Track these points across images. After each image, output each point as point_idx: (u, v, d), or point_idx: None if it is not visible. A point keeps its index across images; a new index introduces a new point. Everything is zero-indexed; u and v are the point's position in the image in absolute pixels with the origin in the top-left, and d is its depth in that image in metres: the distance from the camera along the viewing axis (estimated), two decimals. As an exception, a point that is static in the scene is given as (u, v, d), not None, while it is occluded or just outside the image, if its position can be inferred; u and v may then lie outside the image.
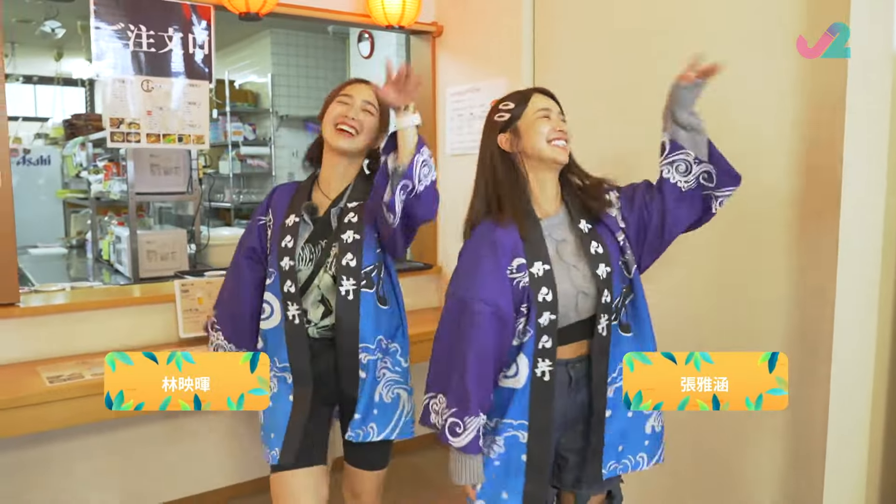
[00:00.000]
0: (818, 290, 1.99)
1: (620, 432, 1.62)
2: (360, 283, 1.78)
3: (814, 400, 2.01)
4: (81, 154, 4.70)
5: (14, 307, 2.44)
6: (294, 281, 1.79)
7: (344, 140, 1.79)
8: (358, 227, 1.79)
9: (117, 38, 2.57)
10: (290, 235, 1.80)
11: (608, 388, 1.60)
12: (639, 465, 1.65)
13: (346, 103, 1.80)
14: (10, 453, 2.50)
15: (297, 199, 1.86)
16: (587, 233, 1.61)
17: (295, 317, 1.80)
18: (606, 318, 1.59)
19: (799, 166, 2.04)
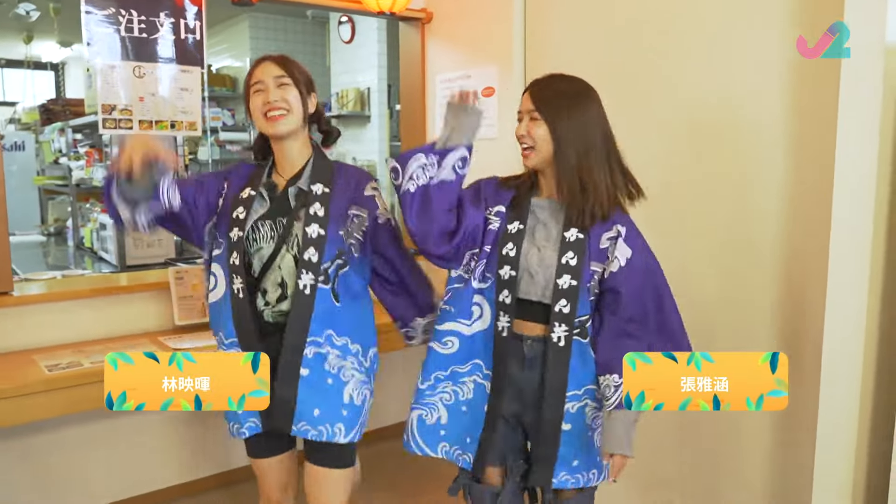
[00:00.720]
0: (807, 293, 2.05)
1: (577, 447, 1.68)
2: (318, 278, 1.75)
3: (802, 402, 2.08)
4: (60, 140, 4.62)
5: (8, 296, 2.42)
6: (241, 253, 1.76)
7: (279, 124, 1.74)
8: (323, 220, 1.76)
9: (108, 23, 2.54)
10: (242, 207, 1.78)
11: (568, 402, 1.64)
12: (590, 481, 1.71)
13: (261, 89, 1.74)
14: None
15: (254, 177, 1.83)
16: (572, 241, 1.63)
17: (240, 290, 1.76)
18: (564, 329, 1.61)
19: (791, 167, 2.09)
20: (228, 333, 1.79)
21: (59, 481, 2.64)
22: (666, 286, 1.66)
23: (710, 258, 2.31)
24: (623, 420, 1.58)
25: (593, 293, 1.65)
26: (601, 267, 1.62)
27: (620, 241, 1.62)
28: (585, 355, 1.64)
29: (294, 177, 1.81)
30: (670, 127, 2.39)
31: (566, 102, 1.61)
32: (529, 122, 1.63)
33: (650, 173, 2.45)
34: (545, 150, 1.62)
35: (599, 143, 1.63)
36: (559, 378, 1.63)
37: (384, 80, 5.68)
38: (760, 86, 2.13)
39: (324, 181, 1.80)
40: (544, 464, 1.67)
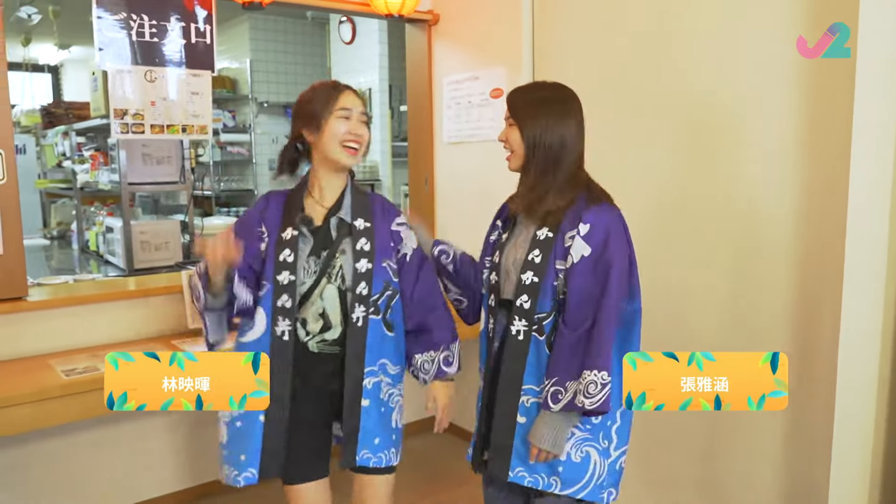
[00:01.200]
0: (822, 295, 2.08)
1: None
2: (370, 310, 1.79)
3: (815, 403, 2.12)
4: (64, 143, 4.62)
5: (22, 301, 2.42)
6: (292, 296, 1.75)
7: (351, 158, 1.77)
8: (370, 255, 1.79)
9: (120, 27, 2.55)
10: (289, 249, 1.77)
11: (523, 395, 1.70)
12: (551, 486, 1.71)
13: (347, 118, 1.76)
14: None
15: (289, 212, 1.82)
16: (541, 240, 1.69)
17: (284, 332, 1.75)
18: (524, 324, 1.68)
19: (805, 169, 2.11)
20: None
21: (72, 485, 2.64)
22: (614, 293, 1.62)
23: (723, 260, 2.33)
24: (546, 420, 1.65)
25: (561, 291, 1.67)
26: (564, 265, 1.66)
27: (578, 238, 1.64)
28: (541, 352, 1.69)
29: (333, 207, 1.82)
30: (680, 128, 2.41)
31: (537, 108, 1.70)
32: (508, 128, 1.74)
33: (659, 174, 2.49)
34: (520, 154, 1.71)
35: (556, 149, 1.68)
36: (515, 371, 1.70)
37: (385, 81, 5.70)
38: (773, 87, 2.15)
39: (364, 215, 1.82)
40: (500, 453, 1.73)
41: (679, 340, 2.47)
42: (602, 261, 1.63)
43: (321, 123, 1.75)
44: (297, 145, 1.84)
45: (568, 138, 1.70)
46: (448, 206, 3.43)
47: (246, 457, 1.77)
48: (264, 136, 6.58)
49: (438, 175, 3.44)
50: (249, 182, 6.60)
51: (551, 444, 1.64)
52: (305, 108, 1.79)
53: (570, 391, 1.61)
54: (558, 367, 1.63)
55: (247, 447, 1.77)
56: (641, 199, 2.55)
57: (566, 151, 1.70)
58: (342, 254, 1.79)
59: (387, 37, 5.61)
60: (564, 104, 1.71)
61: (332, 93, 1.78)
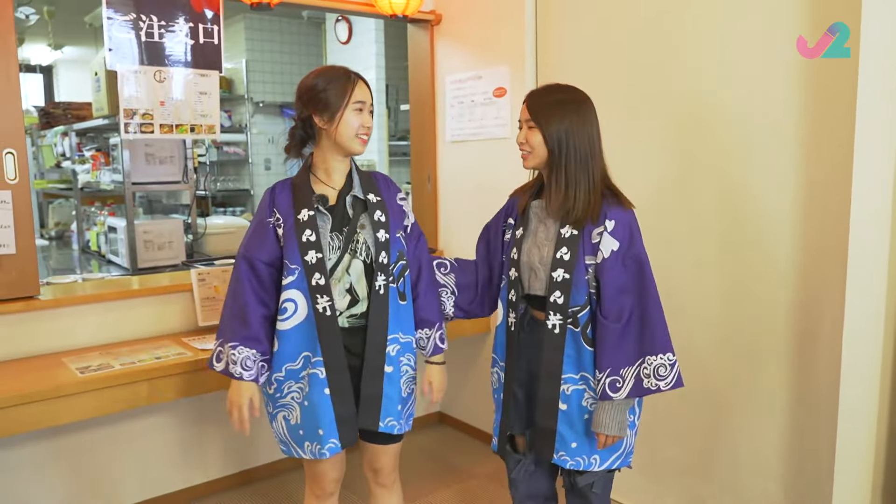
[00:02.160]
0: (825, 292, 2.13)
1: (574, 429, 1.82)
2: (389, 279, 1.88)
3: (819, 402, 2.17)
4: (63, 143, 4.62)
5: (35, 300, 2.44)
6: (323, 272, 1.82)
7: (363, 147, 1.88)
8: (386, 225, 1.89)
9: (129, 28, 2.57)
10: (309, 229, 1.83)
11: (563, 384, 1.80)
12: (591, 465, 1.84)
13: (361, 110, 1.84)
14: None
15: (300, 194, 1.87)
16: (567, 237, 1.77)
17: (326, 308, 1.82)
18: (559, 318, 1.78)
19: (807, 168, 2.16)
20: (316, 353, 1.84)
21: (88, 481, 2.67)
22: (651, 283, 1.76)
23: (725, 258, 2.38)
24: (607, 408, 1.76)
25: (591, 286, 1.78)
26: (594, 260, 1.76)
27: (606, 234, 1.75)
28: (579, 343, 1.79)
29: (344, 187, 1.91)
30: (682, 127, 2.46)
31: (558, 110, 1.77)
32: (528, 130, 1.81)
33: (661, 173, 2.53)
34: (541, 155, 1.79)
35: (585, 149, 1.77)
36: (554, 362, 1.79)
37: (382, 81, 5.72)
38: (774, 86, 2.20)
39: (373, 190, 1.92)
40: (544, 437, 1.84)
41: (681, 339, 2.52)
42: (630, 254, 1.75)
43: (335, 114, 1.82)
44: (306, 128, 1.91)
45: (595, 139, 1.80)
46: (450, 205, 3.46)
47: (324, 430, 1.85)
48: (260, 136, 6.59)
49: (441, 174, 3.47)
50: (246, 182, 6.61)
51: (618, 429, 1.77)
52: (319, 96, 1.84)
53: (629, 378, 1.74)
54: (609, 357, 1.74)
55: (321, 420, 1.85)
56: (643, 196, 2.58)
57: (595, 152, 1.79)
58: (362, 228, 1.88)
59: (383, 36, 5.64)
60: (584, 106, 1.79)
61: (346, 84, 1.84)
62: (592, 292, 1.78)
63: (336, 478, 2.01)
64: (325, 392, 1.84)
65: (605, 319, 1.74)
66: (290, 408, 1.89)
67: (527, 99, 1.82)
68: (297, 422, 1.88)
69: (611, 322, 1.73)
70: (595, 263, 1.76)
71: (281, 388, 1.89)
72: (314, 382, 1.84)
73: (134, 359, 2.37)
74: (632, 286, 1.74)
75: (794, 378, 2.24)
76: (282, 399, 1.89)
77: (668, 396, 2.58)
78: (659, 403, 2.61)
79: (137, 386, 2.28)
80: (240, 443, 3.00)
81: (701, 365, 2.47)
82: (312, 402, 1.85)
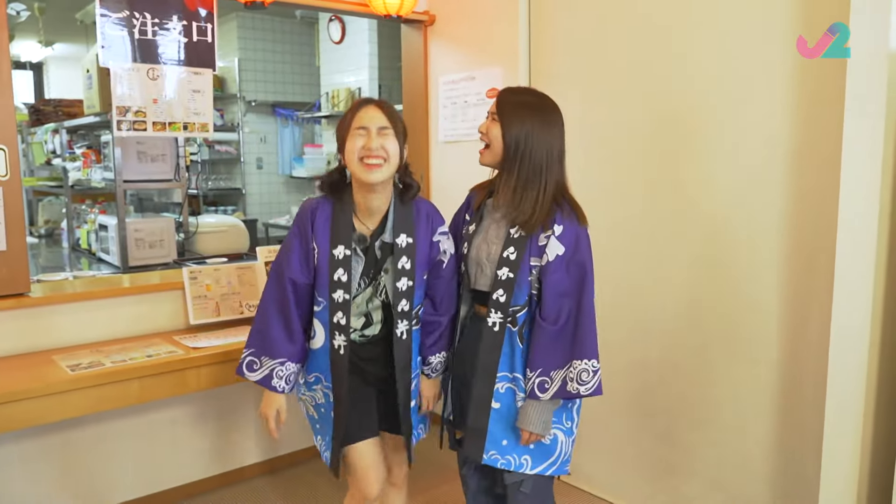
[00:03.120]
0: (813, 293, 2.15)
1: (506, 427, 1.85)
2: (412, 322, 1.93)
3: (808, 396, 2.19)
4: (54, 141, 4.59)
5: (25, 297, 2.43)
6: (346, 314, 1.86)
7: (375, 173, 1.77)
8: (411, 273, 1.87)
9: (122, 26, 2.56)
10: (342, 269, 1.84)
11: (497, 382, 1.83)
12: (522, 466, 1.86)
13: (363, 135, 1.78)
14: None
15: (339, 228, 1.85)
16: (515, 237, 1.79)
17: (341, 347, 1.88)
18: (499, 316, 1.80)
19: (795, 171, 2.18)
20: (328, 378, 1.95)
21: (90, 476, 2.66)
22: (590, 291, 1.79)
23: (714, 256, 2.40)
24: (534, 406, 1.80)
25: (534, 287, 1.81)
26: (539, 262, 1.79)
27: (553, 238, 1.77)
28: (514, 342, 1.82)
29: (378, 227, 1.89)
30: (673, 129, 2.48)
31: (524, 111, 1.77)
32: (491, 122, 1.82)
33: (652, 176, 2.55)
34: (497, 150, 1.79)
35: (541, 157, 1.77)
36: (491, 359, 1.82)
37: (375, 80, 5.72)
38: (763, 87, 2.22)
39: (407, 231, 1.88)
40: (473, 437, 1.86)
41: (668, 339, 2.54)
42: (574, 260, 1.77)
43: (342, 145, 1.83)
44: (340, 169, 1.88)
45: (554, 150, 1.79)
46: (443, 205, 3.43)
47: (325, 441, 2.02)
48: (252, 135, 6.58)
49: (433, 174, 3.48)
50: (237, 181, 6.60)
51: (541, 428, 1.80)
52: (338, 133, 1.86)
53: (556, 380, 1.76)
54: (541, 358, 1.77)
55: (326, 433, 2.00)
56: (632, 195, 2.62)
57: (552, 162, 1.78)
58: (385, 272, 1.89)
59: (376, 36, 5.64)
60: (550, 115, 1.80)
61: (353, 112, 1.82)
62: (534, 293, 1.81)
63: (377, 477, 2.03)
64: (331, 414, 1.97)
65: (543, 321, 1.77)
66: (306, 405, 2.07)
67: (499, 93, 1.84)
68: (316, 416, 2.04)
69: (548, 324, 1.76)
70: (539, 265, 1.78)
71: (299, 388, 2.05)
72: (327, 400, 1.98)
73: (125, 357, 2.37)
74: (572, 292, 1.77)
75: (780, 377, 2.27)
76: (301, 395, 2.06)
77: (655, 397, 2.61)
78: (645, 403, 2.63)
79: (128, 384, 2.27)
80: (245, 437, 3.00)
81: (688, 365, 2.49)
82: (325, 413, 1.99)
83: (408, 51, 3.52)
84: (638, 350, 2.65)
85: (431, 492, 2.95)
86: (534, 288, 1.80)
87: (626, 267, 2.67)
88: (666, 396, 2.58)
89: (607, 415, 2.75)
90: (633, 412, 2.69)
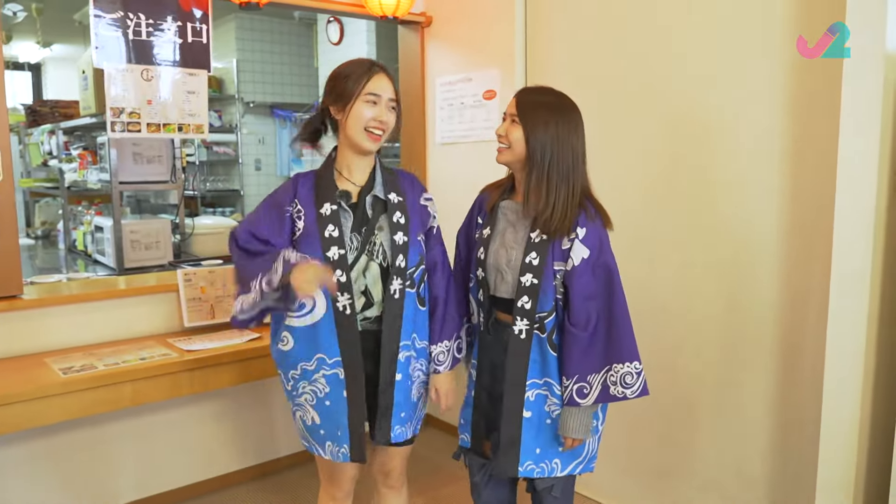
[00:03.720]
0: (810, 295, 2.13)
1: (538, 435, 1.80)
2: (406, 283, 1.83)
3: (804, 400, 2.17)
4: (50, 142, 4.58)
5: (18, 299, 2.41)
6: (345, 270, 1.76)
7: (373, 143, 1.78)
8: (405, 227, 1.83)
9: (116, 26, 2.55)
10: (332, 224, 1.77)
11: (528, 391, 1.77)
12: (553, 471, 1.83)
13: (375, 103, 1.76)
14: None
15: (322, 188, 1.81)
16: (537, 242, 1.74)
17: (346, 307, 1.77)
18: (525, 323, 1.75)
19: (791, 172, 2.16)
20: (332, 354, 1.79)
21: (88, 479, 2.65)
22: (620, 291, 1.75)
23: (712, 258, 2.38)
24: (574, 413, 1.76)
25: (559, 292, 1.76)
26: (563, 266, 1.74)
27: (577, 241, 1.73)
28: (544, 348, 1.76)
29: (366, 185, 1.84)
30: (670, 130, 2.46)
31: (546, 113, 1.73)
32: (510, 124, 1.76)
33: (649, 176, 2.54)
34: (518, 152, 1.74)
35: (568, 160, 1.73)
36: (519, 368, 1.76)
37: (373, 82, 5.69)
38: (760, 88, 2.21)
39: (395, 190, 1.86)
40: (507, 451, 1.79)
41: (667, 341, 2.52)
42: (600, 263, 1.74)
43: (348, 104, 1.77)
44: (323, 119, 1.86)
45: (579, 152, 1.76)
46: (440, 206, 3.43)
47: (341, 433, 1.82)
48: (251, 137, 6.56)
49: (430, 175, 3.47)
50: (235, 182, 6.58)
51: (583, 432, 1.78)
52: (337, 85, 1.80)
53: (595, 384, 1.73)
54: (576, 364, 1.72)
55: (340, 422, 1.81)
56: (630, 197, 2.60)
57: (578, 164, 1.75)
58: (380, 230, 1.82)
59: (375, 38, 5.62)
60: (573, 116, 1.75)
61: (364, 74, 1.78)
62: (559, 298, 1.76)
63: (354, 476, 1.99)
64: (344, 394, 1.80)
65: (573, 327, 1.72)
66: (304, 409, 1.85)
67: (518, 94, 1.78)
68: (315, 422, 1.84)
69: (578, 330, 1.72)
70: (564, 270, 1.74)
71: (297, 386, 1.85)
72: (334, 383, 1.80)
73: (118, 359, 2.35)
74: (600, 294, 1.73)
75: (778, 382, 2.25)
76: (297, 398, 1.86)
77: (652, 399, 2.59)
78: (642, 406, 2.61)
79: (121, 387, 2.26)
80: (246, 437, 2.99)
81: (685, 367, 2.48)
82: (334, 403, 1.81)
83: (405, 52, 3.51)
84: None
85: (432, 493, 2.93)
86: (558, 293, 1.75)
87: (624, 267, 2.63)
88: (664, 400, 2.56)
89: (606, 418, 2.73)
90: (630, 415, 2.67)
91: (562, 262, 1.74)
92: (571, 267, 1.72)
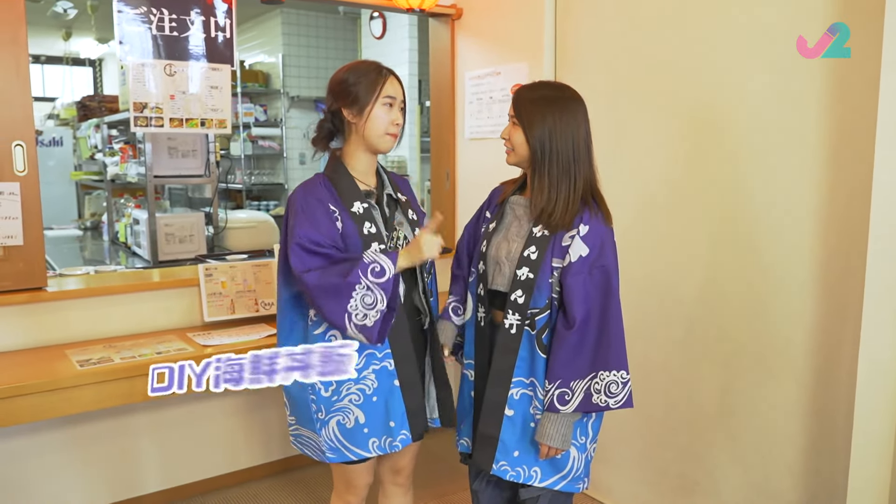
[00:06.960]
0: (846, 303, 2.00)
1: (519, 437, 1.73)
2: (426, 278, 1.93)
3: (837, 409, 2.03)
4: (96, 136, 4.70)
5: (42, 291, 2.46)
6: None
7: (393, 144, 1.84)
8: (419, 223, 1.92)
9: (140, 21, 2.56)
10: (368, 221, 1.79)
11: (512, 388, 1.72)
12: (531, 478, 1.74)
13: (391, 105, 1.80)
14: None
15: (346, 189, 1.81)
16: (538, 237, 1.70)
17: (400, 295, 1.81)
18: (517, 318, 1.71)
19: (828, 170, 2.02)
20: (382, 347, 1.78)
21: (106, 470, 2.69)
22: (615, 297, 1.67)
23: (741, 264, 2.25)
24: (553, 419, 1.68)
25: (554, 290, 1.70)
26: (561, 263, 1.69)
27: (578, 238, 1.67)
28: (533, 347, 1.71)
29: (378, 185, 1.90)
30: (701, 125, 2.34)
31: (542, 108, 1.68)
32: (511, 127, 1.74)
33: (678, 171, 2.41)
34: (522, 153, 1.72)
35: (568, 152, 1.67)
36: (506, 363, 1.72)
37: (415, 76, 5.67)
38: (794, 87, 2.07)
39: (399, 190, 1.94)
40: (485, 443, 1.75)
41: (693, 348, 2.40)
42: (598, 264, 1.66)
43: (364, 108, 1.78)
44: (334, 121, 1.86)
45: (580, 141, 1.69)
46: (468, 202, 3.38)
47: (395, 422, 1.81)
48: (295, 131, 6.62)
49: (459, 171, 3.40)
50: (280, 176, 6.65)
51: (561, 441, 1.69)
52: (349, 90, 1.79)
53: (578, 391, 1.65)
54: (561, 368, 1.65)
55: (394, 412, 1.81)
56: (655, 195, 2.49)
57: (580, 157, 1.68)
58: (400, 226, 1.88)
59: (416, 31, 5.59)
60: (570, 106, 1.69)
61: (377, 78, 1.80)
62: (555, 297, 1.70)
63: (369, 482, 1.98)
64: (395, 384, 1.81)
65: (563, 328, 1.66)
66: (347, 411, 1.80)
67: (515, 93, 1.75)
68: (357, 423, 1.80)
69: (568, 331, 1.65)
70: (562, 266, 1.68)
71: (339, 389, 1.79)
72: (383, 375, 1.80)
73: (135, 353, 2.37)
74: (594, 297, 1.65)
75: (812, 398, 2.10)
76: (338, 402, 1.80)
77: (678, 411, 2.47)
78: (668, 415, 2.50)
79: (136, 380, 2.26)
80: (261, 434, 3.00)
81: (714, 378, 2.35)
82: (383, 396, 1.80)
83: (435, 45, 3.45)
84: (659, 359, 2.52)
85: (444, 498, 2.87)
86: (554, 291, 1.70)
87: (649, 269, 2.53)
88: (688, 410, 2.44)
89: (628, 426, 2.63)
90: (654, 424, 2.56)
91: (560, 259, 1.69)
92: (568, 263, 1.67)
